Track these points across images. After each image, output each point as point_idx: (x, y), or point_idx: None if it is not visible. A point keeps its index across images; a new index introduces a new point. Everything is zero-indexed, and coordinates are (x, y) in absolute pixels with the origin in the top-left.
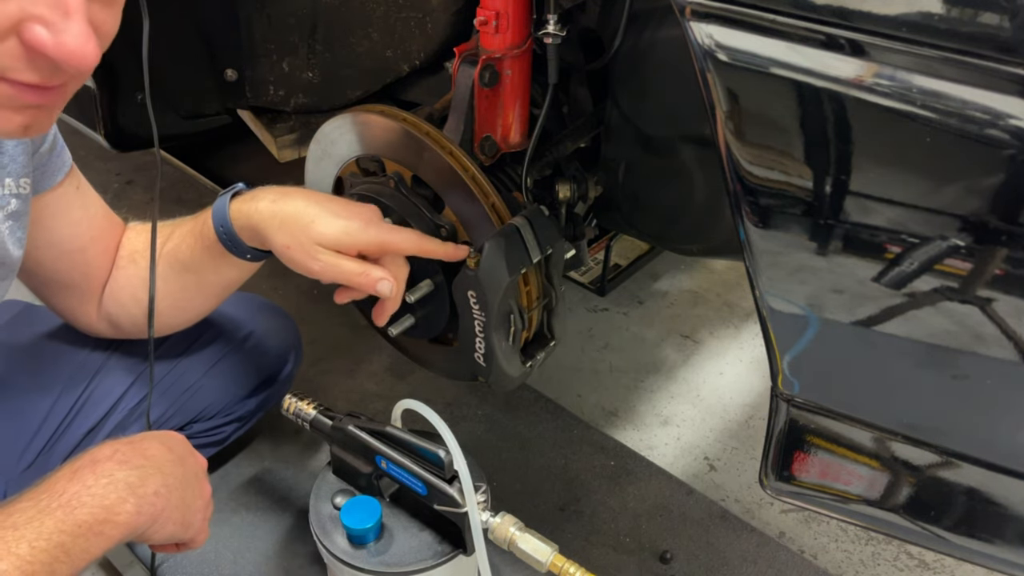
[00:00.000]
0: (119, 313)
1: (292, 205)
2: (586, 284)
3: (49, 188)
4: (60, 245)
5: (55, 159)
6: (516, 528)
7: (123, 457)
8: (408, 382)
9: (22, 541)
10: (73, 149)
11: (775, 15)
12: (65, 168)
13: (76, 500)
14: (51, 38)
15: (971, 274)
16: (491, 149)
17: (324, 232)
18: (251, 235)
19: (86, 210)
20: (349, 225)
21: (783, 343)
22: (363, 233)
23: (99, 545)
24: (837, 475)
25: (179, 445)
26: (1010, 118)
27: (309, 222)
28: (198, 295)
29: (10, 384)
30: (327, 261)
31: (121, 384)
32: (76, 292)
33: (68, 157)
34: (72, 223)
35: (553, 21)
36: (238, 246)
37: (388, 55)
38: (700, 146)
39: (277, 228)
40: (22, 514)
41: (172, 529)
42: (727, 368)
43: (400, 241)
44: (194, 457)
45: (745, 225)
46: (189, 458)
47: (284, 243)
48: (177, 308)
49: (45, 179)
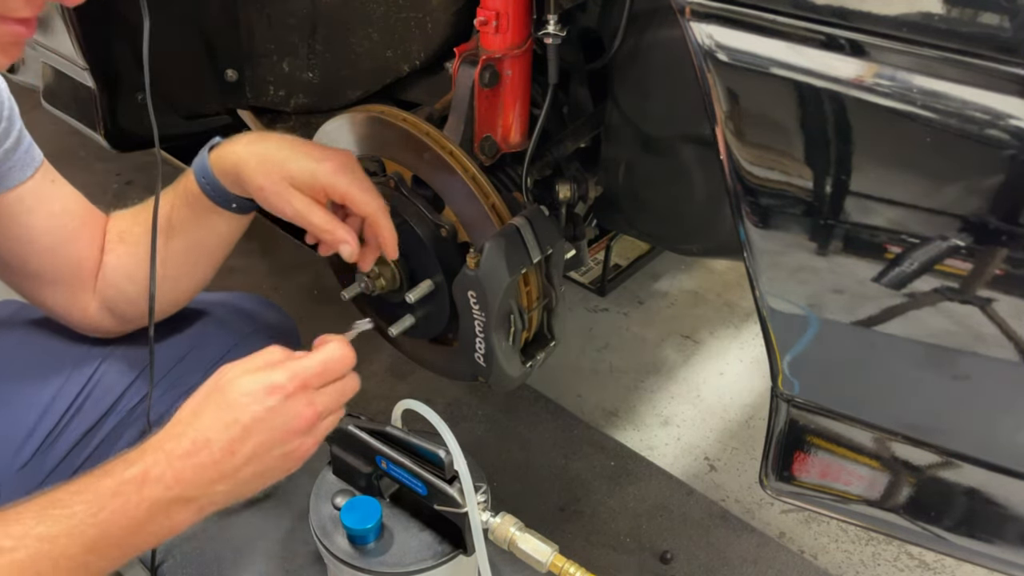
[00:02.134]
0: (117, 297)
1: (266, 145)
2: (586, 284)
3: (18, 183)
4: (42, 239)
5: (22, 155)
6: (516, 528)
7: (171, 481)
8: (408, 382)
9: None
10: (73, 149)
11: (775, 15)
12: (34, 164)
13: (112, 521)
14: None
15: (971, 274)
16: (491, 149)
17: (294, 172)
18: (232, 180)
19: (64, 203)
20: (319, 167)
21: (783, 343)
22: (330, 177)
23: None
24: (837, 475)
25: (245, 415)
26: (1010, 118)
27: (282, 160)
28: (190, 259)
29: (4, 381)
30: (298, 207)
31: (120, 383)
32: (67, 287)
33: (37, 153)
34: (50, 216)
35: (553, 21)
36: (221, 194)
37: (388, 55)
38: (700, 146)
39: (253, 169)
40: (54, 523)
41: (254, 490)
42: (727, 368)
43: (360, 202)
44: (268, 413)
45: (745, 225)
46: (258, 427)
47: (259, 184)
48: (171, 279)
49: (13, 174)
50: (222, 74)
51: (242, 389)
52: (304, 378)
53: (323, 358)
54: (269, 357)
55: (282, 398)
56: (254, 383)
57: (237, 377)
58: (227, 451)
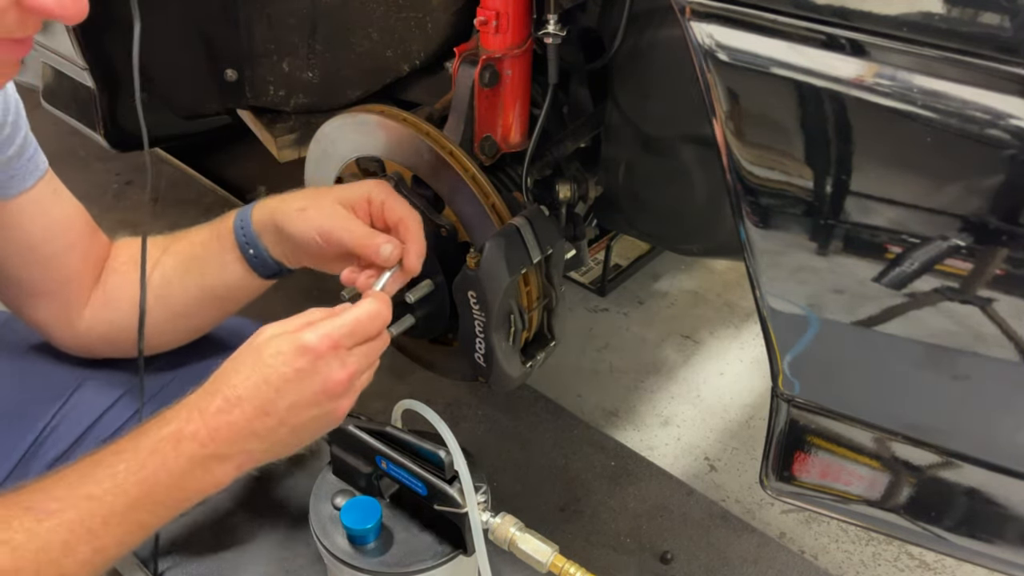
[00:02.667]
0: (114, 319)
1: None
2: (586, 284)
3: (20, 192)
4: (36, 250)
5: (26, 163)
6: (516, 528)
7: (205, 438)
8: (408, 382)
9: (95, 517)
10: (73, 149)
11: (775, 15)
12: (39, 172)
13: (154, 478)
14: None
15: (972, 274)
16: (491, 149)
17: (343, 189)
18: (268, 221)
19: (64, 215)
20: (363, 183)
21: (784, 343)
22: (376, 187)
23: (181, 509)
24: (838, 475)
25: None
26: (1010, 118)
27: (329, 188)
28: (196, 302)
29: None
30: (340, 220)
31: (106, 398)
32: (53, 302)
33: (43, 161)
34: (47, 227)
35: (553, 21)
36: (248, 237)
37: (388, 55)
38: (701, 146)
39: (293, 198)
40: (97, 484)
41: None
42: (727, 368)
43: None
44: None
45: (746, 225)
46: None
47: (300, 206)
48: (173, 315)
49: (15, 183)
50: (222, 74)
51: (273, 349)
52: (336, 338)
53: (356, 316)
54: (308, 317)
55: (312, 359)
56: (286, 344)
57: (273, 337)
58: (260, 411)
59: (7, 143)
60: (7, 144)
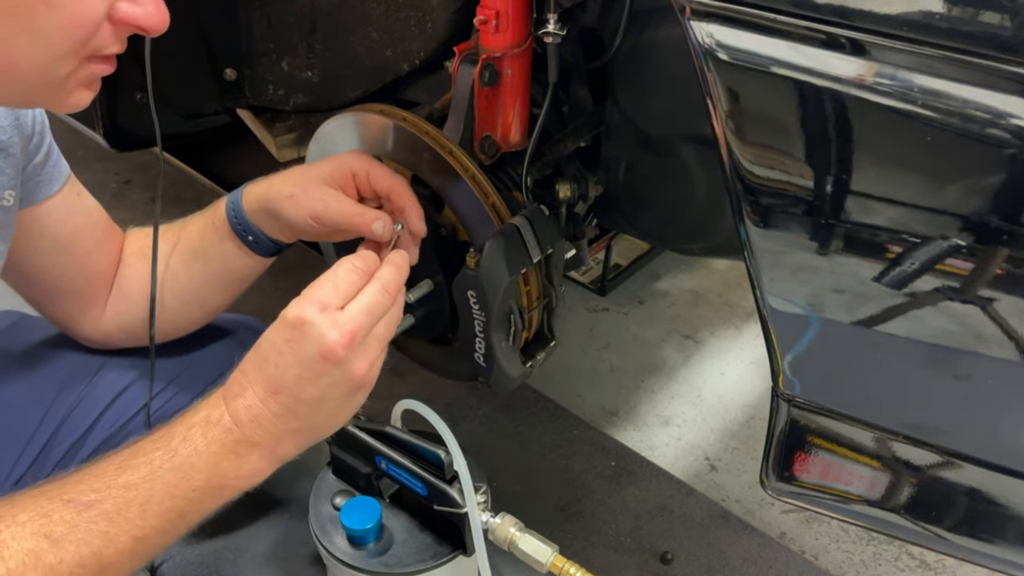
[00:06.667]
0: (130, 310)
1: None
2: (586, 284)
3: (46, 196)
4: (64, 251)
5: (51, 168)
6: (516, 529)
7: (229, 423)
8: (408, 382)
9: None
10: (72, 149)
11: (776, 14)
12: (62, 177)
13: (188, 465)
14: (140, 11)
15: (972, 274)
16: (491, 148)
17: (324, 167)
18: (258, 204)
19: (89, 216)
20: (343, 157)
21: (784, 343)
22: (356, 159)
23: (221, 499)
24: (838, 475)
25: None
26: (1011, 117)
27: (308, 166)
28: (205, 287)
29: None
30: (329, 200)
31: (116, 387)
32: (79, 298)
33: (65, 166)
34: (74, 229)
35: (553, 20)
36: (243, 223)
37: (388, 54)
38: (701, 145)
39: (281, 183)
40: (134, 472)
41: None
42: (728, 368)
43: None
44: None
45: (746, 225)
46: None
47: (289, 192)
48: (184, 302)
49: (40, 188)
50: (221, 73)
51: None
52: (353, 331)
53: (368, 304)
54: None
55: (298, 325)
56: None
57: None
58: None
59: (35, 150)
60: (36, 151)
